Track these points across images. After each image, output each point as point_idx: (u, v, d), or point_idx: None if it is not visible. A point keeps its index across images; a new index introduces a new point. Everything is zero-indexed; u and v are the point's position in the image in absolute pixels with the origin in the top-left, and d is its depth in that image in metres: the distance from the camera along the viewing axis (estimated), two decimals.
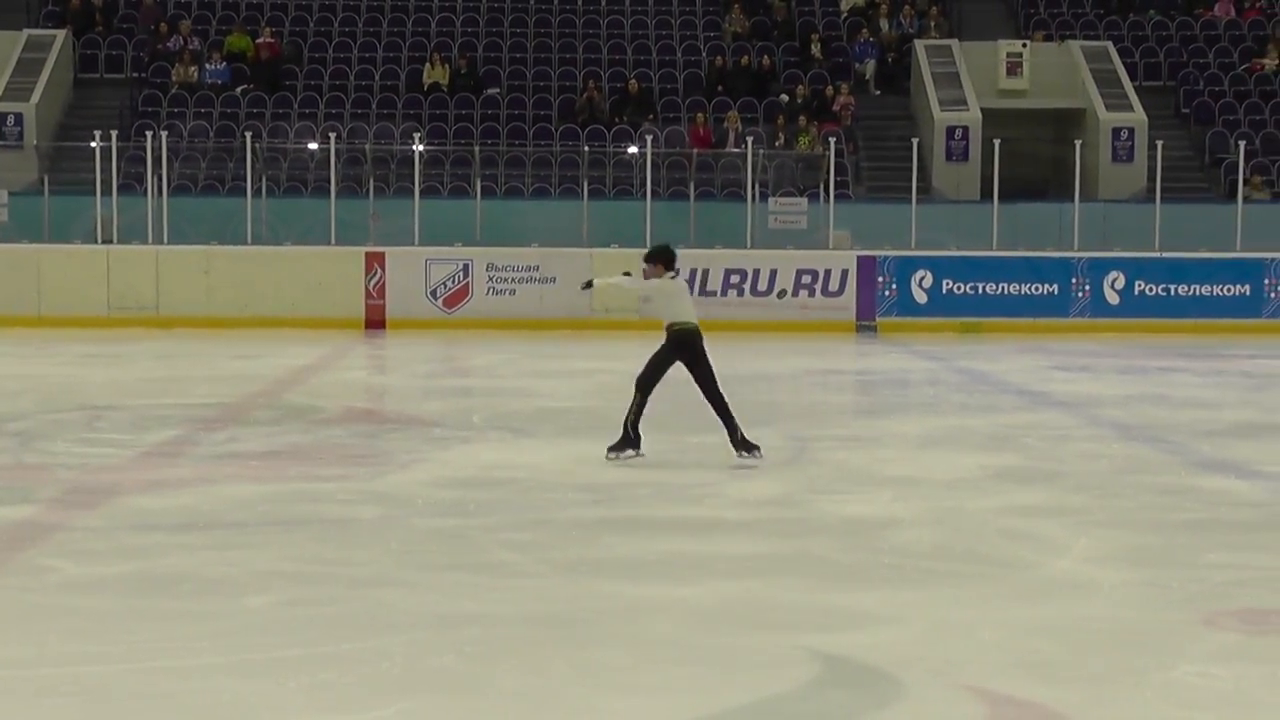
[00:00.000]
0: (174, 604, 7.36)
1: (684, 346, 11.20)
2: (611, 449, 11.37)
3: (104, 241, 23.27)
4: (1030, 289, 23.32)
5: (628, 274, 11.62)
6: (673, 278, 11.30)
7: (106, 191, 23.41)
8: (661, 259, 11.25)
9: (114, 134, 23.70)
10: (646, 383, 11.30)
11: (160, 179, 23.70)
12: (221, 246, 23.14)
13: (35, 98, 27.51)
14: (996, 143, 24.21)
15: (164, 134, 24.15)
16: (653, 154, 23.99)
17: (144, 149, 23.93)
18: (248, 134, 24.37)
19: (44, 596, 7.50)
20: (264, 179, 24.66)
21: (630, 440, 11.30)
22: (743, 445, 11.26)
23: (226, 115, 27.78)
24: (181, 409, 14.21)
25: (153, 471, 11.02)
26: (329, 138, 24.29)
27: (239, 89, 28.27)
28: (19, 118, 27.30)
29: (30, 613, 7.21)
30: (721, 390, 11.29)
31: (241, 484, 10.56)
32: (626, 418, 11.29)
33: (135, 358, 19.01)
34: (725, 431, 11.24)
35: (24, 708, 5.93)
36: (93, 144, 23.72)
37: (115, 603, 7.39)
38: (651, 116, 27.77)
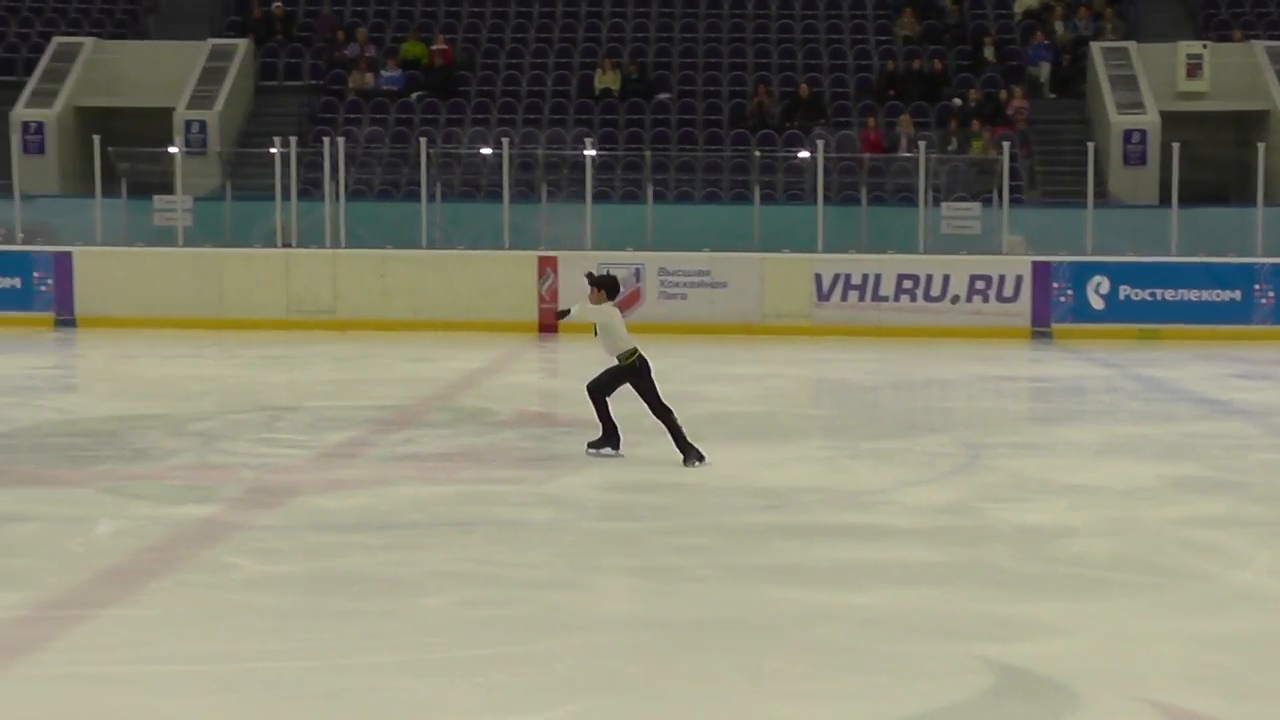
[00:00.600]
0: (351, 603, 7.47)
1: (641, 373, 11.60)
2: (591, 445, 11.74)
3: (283, 245, 23.73)
4: (1211, 295, 22.82)
5: (571, 309, 12.14)
6: (616, 306, 11.88)
7: (286, 196, 23.86)
8: (609, 287, 11.89)
9: (293, 140, 24.16)
10: (601, 391, 11.72)
11: (337, 184, 24.11)
12: (396, 250, 23.47)
13: (218, 106, 28.15)
14: (1176, 146, 23.73)
15: (341, 140, 24.57)
16: (824, 158, 23.89)
17: (322, 155, 24.36)
18: (422, 139, 24.69)
19: (226, 593, 7.67)
20: (438, 184, 24.97)
21: (611, 438, 11.68)
22: (687, 452, 11.32)
23: (402, 121, 28.19)
24: (358, 411, 14.43)
25: (330, 472, 11.21)
26: (502, 143, 24.53)
27: (414, 95, 28.66)
28: (203, 125, 27.97)
29: (213, 609, 7.37)
30: (665, 403, 11.53)
31: (416, 485, 10.70)
32: (604, 419, 11.64)
33: (313, 360, 19.35)
34: (673, 441, 11.39)
35: (206, 703, 6.06)
36: (273, 150, 24.20)
37: (294, 600, 7.53)
38: (823, 121, 27.65)
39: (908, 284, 22.70)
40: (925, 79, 28.61)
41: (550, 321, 22.67)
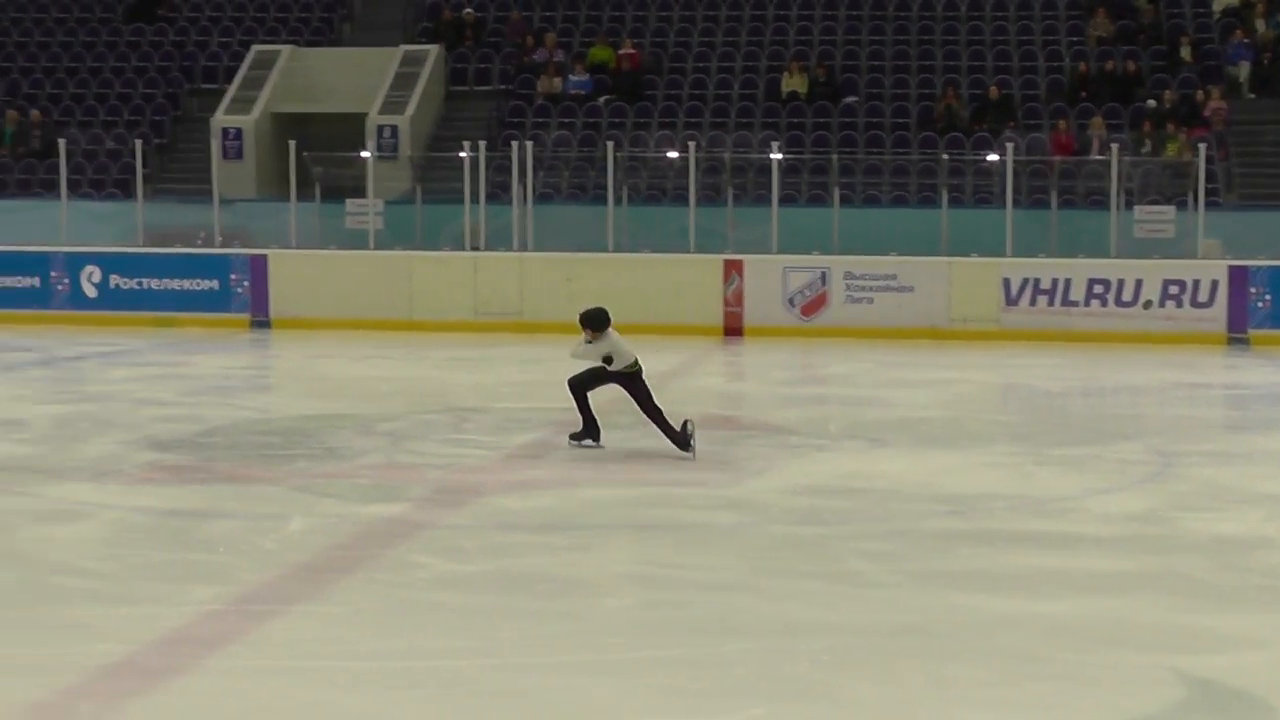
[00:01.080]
0: (534, 603, 7.54)
1: (637, 379, 12.18)
2: (573, 436, 12.15)
3: (471, 248, 24.01)
4: None
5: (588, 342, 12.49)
6: (589, 342, 12.42)
7: (475, 200, 24.13)
8: (595, 323, 12.50)
9: (482, 144, 24.43)
10: (583, 387, 12.26)
11: (525, 188, 24.33)
12: (583, 254, 23.62)
13: (410, 110, 28.60)
14: None
15: (529, 144, 24.79)
16: (1013, 161, 23.55)
17: (510, 159, 24.60)
18: (609, 143, 24.83)
19: (413, 592, 7.78)
20: (625, 187, 25.09)
21: (592, 430, 12.13)
22: (682, 443, 11.84)
23: (589, 125, 28.38)
24: (543, 413, 14.54)
25: (516, 473, 11.32)
26: (688, 146, 24.57)
27: (601, 99, 28.84)
28: (394, 130, 28.42)
29: (400, 607, 7.48)
30: (657, 404, 12.07)
31: (600, 487, 10.76)
32: (584, 413, 12.14)
33: (500, 362, 19.55)
34: (666, 438, 11.91)
35: (394, 699, 6.16)
36: (462, 154, 24.50)
37: (479, 599, 7.61)
38: (1012, 123, 27.27)
39: (1098, 289, 22.28)
40: (1119, 80, 28.07)
41: (737, 325, 22.65)
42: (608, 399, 12.47)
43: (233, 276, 23.59)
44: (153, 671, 6.44)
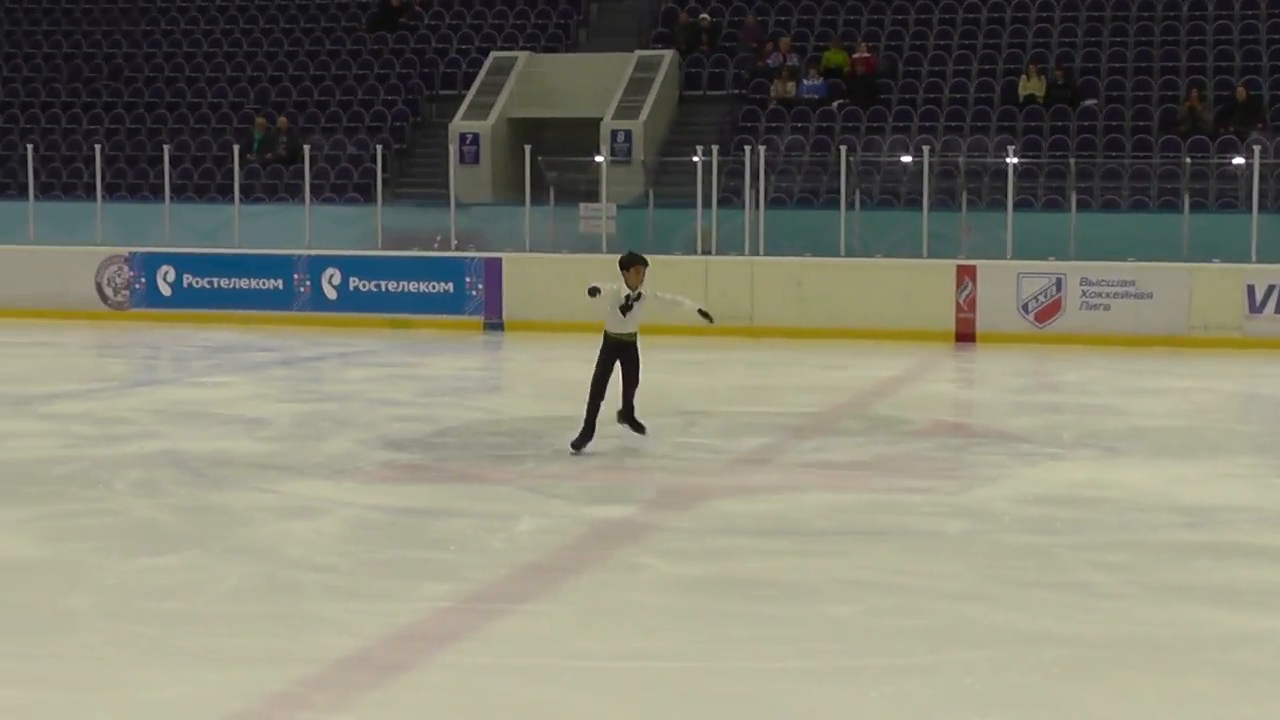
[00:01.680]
0: (758, 607, 7.51)
1: (612, 352, 12.34)
2: (575, 444, 11.95)
3: (703, 252, 24.06)
4: None
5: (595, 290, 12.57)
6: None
7: (706, 204, 24.19)
8: (634, 263, 12.61)
9: (715, 149, 24.47)
10: (602, 382, 12.16)
11: (758, 192, 24.31)
12: (814, 258, 23.51)
13: (643, 115, 28.77)
14: None
15: (762, 149, 24.77)
16: (1260, 164, 22.83)
17: (742, 163, 24.61)
18: (842, 147, 24.68)
19: (638, 593, 7.81)
20: (857, 192, 24.92)
21: (589, 434, 12.01)
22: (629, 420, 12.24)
23: (822, 129, 28.25)
24: (771, 417, 14.51)
25: (742, 477, 11.30)
26: (922, 150, 24.31)
27: (835, 103, 28.68)
28: (628, 135, 28.63)
29: (625, 608, 7.52)
30: (631, 382, 12.31)
31: (827, 492, 10.69)
32: (588, 415, 12.04)
33: (728, 366, 19.56)
34: (623, 412, 12.24)
35: (619, 699, 6.19)
36: (695, 159, 24.58)
37: (703, 602, 7.61)
38: (1261, 125, 26.44)
39: None
40: None
41: (969, 331, 22.33)
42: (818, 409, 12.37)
43: (467, 279, 23.99)
44: (384, 666, 6.56)
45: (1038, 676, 6.44)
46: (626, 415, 12.42)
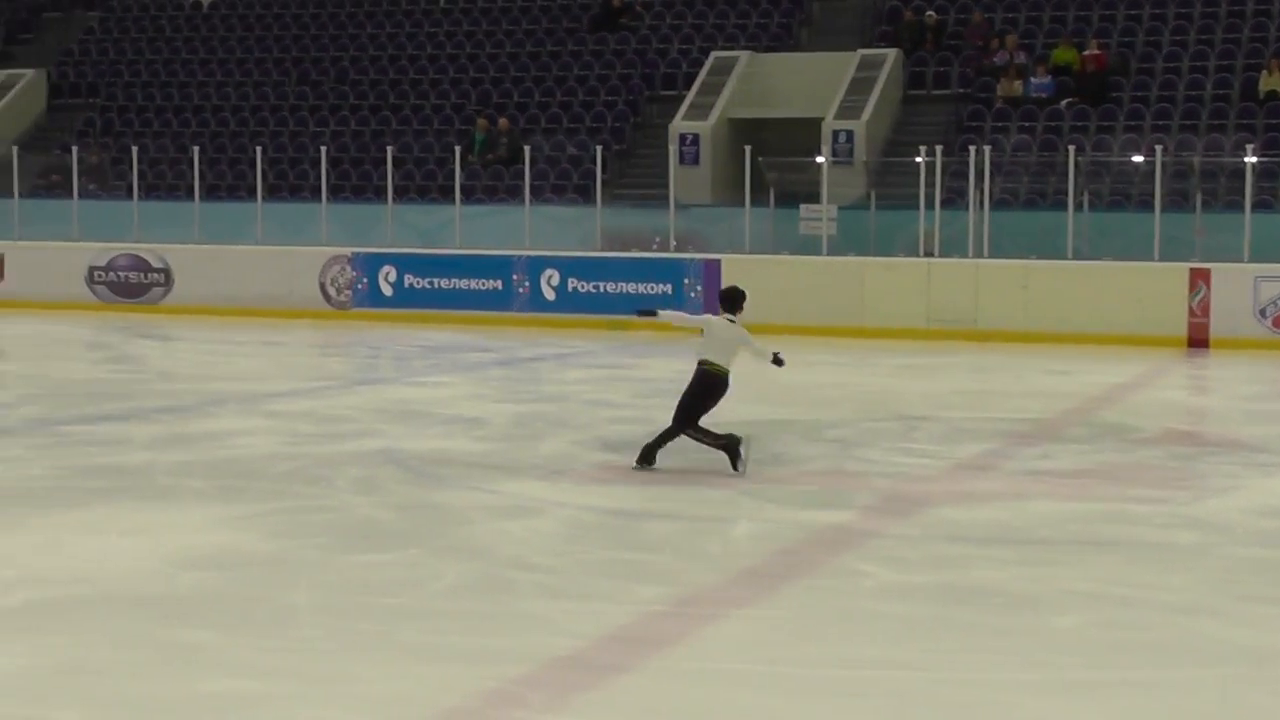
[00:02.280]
0: (980, 617, 7.41)
1: (705, 385, 11.59)
2: (736, 466, 11.26)
3: (925, 255, 23.83)
4: None
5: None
6: (730, 321, 11.77)
7: (930, 205, 23.96)
8: (724, 300, 11.93)
9: (938, 149, 24.22)
10: (694, 418, 11.50)
11: (982, 193, 24.01)
12: (1040, 261, 23.14)
13: (866, 115, 28.58)
14: None
15: (987, 149, 24.44)
16: None
17: (967, 164, 24.33)
18: (1071, 147, 24.25)
19: (856, 601, 7.76)
20: (1086, 193, 24.47)
21: (734, 445, 11.36)
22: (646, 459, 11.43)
23: (1050, 129, 27.78)
24: (994, 423, 14.32)
25: (964, 483, 11.16)
26: (1155, 150, 23.77)
27: (1064, 102, 28.17)
28: (850, 135, 28.46)
29: (843, 616, 7.47)
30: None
31: (1052, 501, 10.51)
32: (714, 438, 11.43)
33: (950, 370, 19.34)
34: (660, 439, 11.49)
35: (835, 707, 6.15)
36: (918, 159, 24.35)
37: (923, 611, 7.53)
38: None
39: None
40: None
41: (1202, 336, 21.77)
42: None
43: (686, 281, 24.08)
44: (599, 667, 6.61)
45: (1269, 696, 6.25)
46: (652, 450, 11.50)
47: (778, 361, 11.84)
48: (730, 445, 11.37)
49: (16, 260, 27.68)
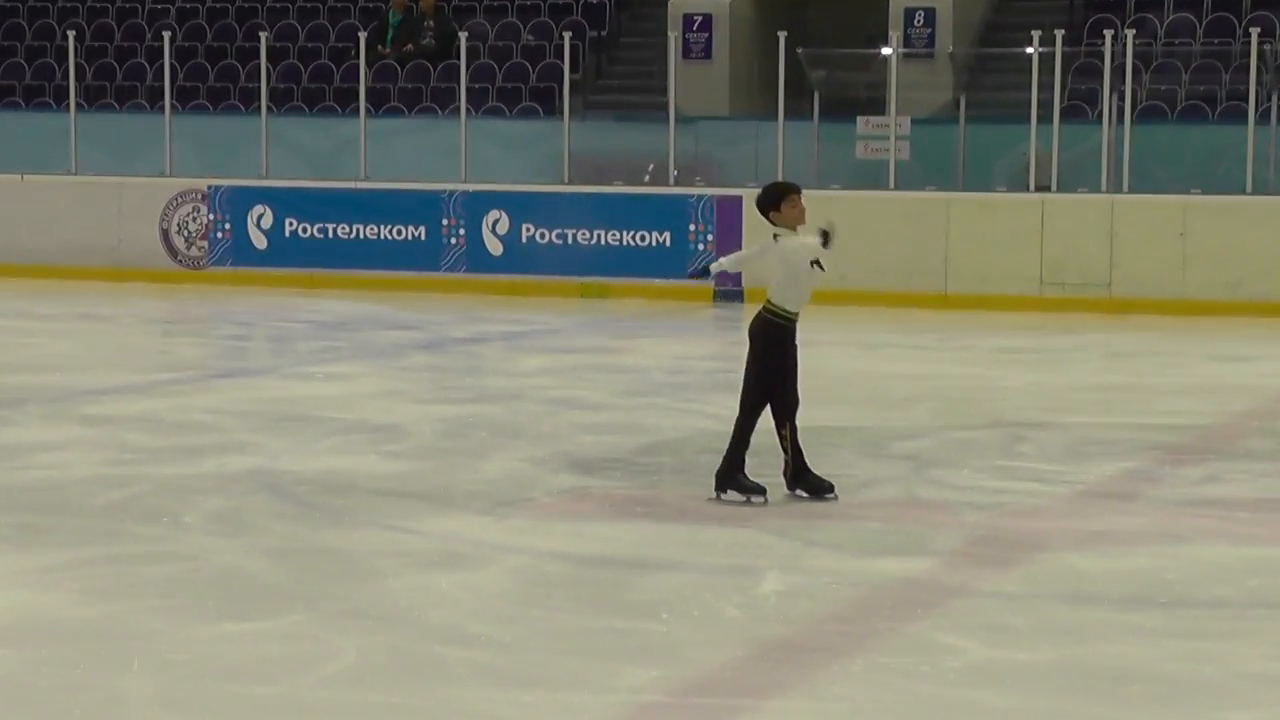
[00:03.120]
0: (1123, 713, 7.41)
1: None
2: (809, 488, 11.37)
3: (1038, 189, 23.84)
4: None
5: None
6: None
7: (1044, 118, 23.92)
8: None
9: (1058, 35, 24.12)
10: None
11: (1122, 98, 23.99)
12: (1206, 197, 23.16)
13: None
14: None
15: (1130, 33, 24.40)
16: None
17: (1100, 55, 24.31)
18: (1254, 30, 24.22)
19: (939, 686, 7.76)
20: (1275, 97, 24.47)
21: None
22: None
23: (1223, 4, 27.76)
24: (1136, 431, 14.32)
25: (1093, 519, 11.16)
26: None
27: None
28: (929, 15, 28.50)
29: (921, 706, 7.47)
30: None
31: (1222, 544, 10.52)
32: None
33: (1073, 356, 19.33)
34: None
35: None
36: (1028, 50, 24.34)
37: (1035, 703, 7.54)
38: None
39: None
40: None
41: None
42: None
43: (692, 226, 24.12)
44: None
45: None
46: (799, 473, 11.51)
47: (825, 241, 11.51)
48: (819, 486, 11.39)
49: None
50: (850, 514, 11.21)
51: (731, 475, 11.36)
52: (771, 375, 11.45)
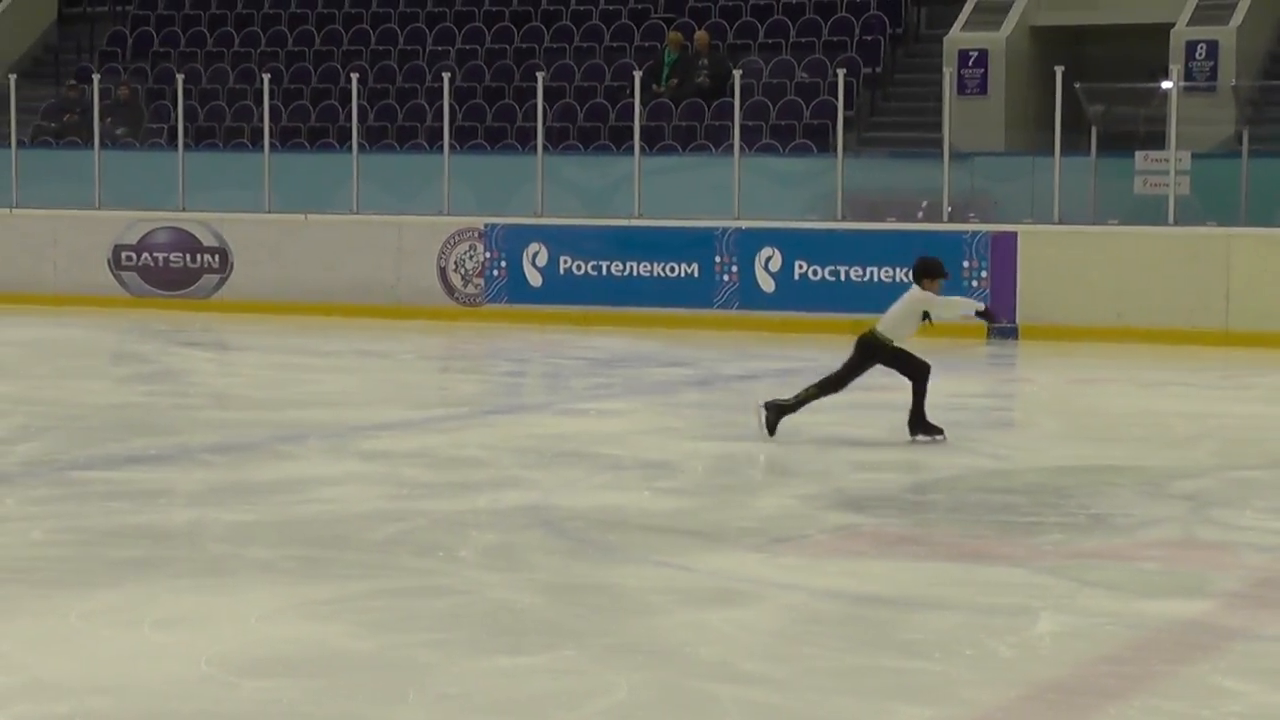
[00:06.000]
0: None
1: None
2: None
3: None
4: None
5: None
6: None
7: None
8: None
9: None
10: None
11: None
12: None
13: (1236, 20, 28.17)
14: None
15: None
16: None
17: None
18: None
19: None
20: None
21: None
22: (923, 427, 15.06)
23: None
24: None
25: None
26: None
27: None
28: (1212, 48, 28.07)
29: None
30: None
31: None
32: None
33: None
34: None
35: None
36: None
37: None
38: None
39: None
40: None
41: None
42: None
43: (965, 264, 23.95)
44: None
45: None
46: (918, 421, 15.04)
47: (988, 317, 16.02)
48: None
49: (13, 235, 28.27)
50: (1128, 554, 11.09)
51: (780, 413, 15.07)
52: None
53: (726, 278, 24.93)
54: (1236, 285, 23.02)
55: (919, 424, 14.99)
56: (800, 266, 24.71)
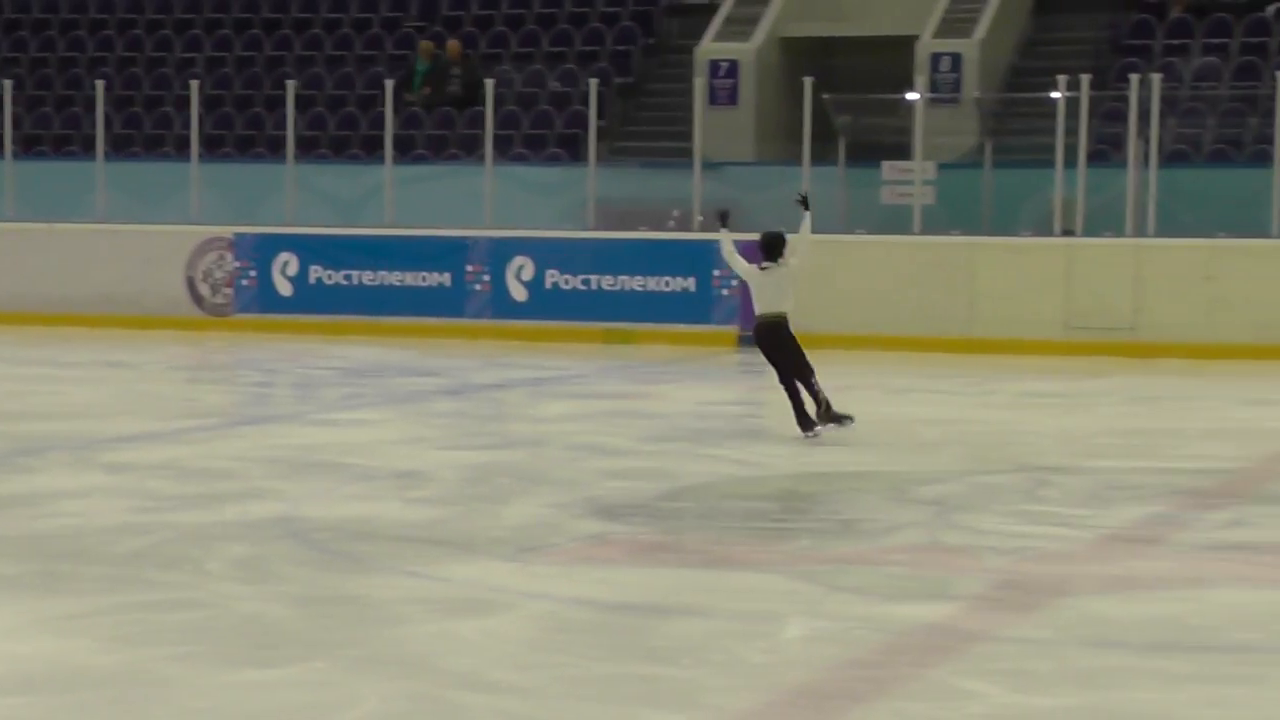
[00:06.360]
0: None
1: (759, 339, 16.39)
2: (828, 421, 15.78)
3: (1063, 233, 23.83)
4: None
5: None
6: (762, 269, 16.49)
7: (1070, 162, 23.95)
8: (761, 248, 16.58)
9: (1084, 80, 24.19)
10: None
11: (1148, 142, 23.99)
12: (1232, 240, 23.13)
13: (979, 33, 28.62)
14: None
15: (1156, 78, 24.38)
16: None
17: (1126, 100, 24.32)
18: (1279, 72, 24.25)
19: None
20: None
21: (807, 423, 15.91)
22: (829, 417, 15.88)
23: (1251, 47, 27.78)
24: (1161, 476, 14.30)
25: (1117, 564, 11.14)
26: None
27: (1271, 8, 28.15)
28: (955, 60, 28.46)
29: None
30: (804, 370, 16.09)
31: (1248, 589, 10.49)
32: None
33: (1099, 400, 19.31)
34: (815, 407, 15.87)
35: None
36: (1054, 95, 24.38)
37: None
38: None
39: None
40: None
41: None
42: None
43: (716, 272, 24.11)
44: None
45: None
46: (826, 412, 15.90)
47: (804, 204, 17.38)
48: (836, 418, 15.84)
49: None
50: (876, 559, 11.21)
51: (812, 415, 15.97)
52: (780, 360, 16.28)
53: (479, 287, 24.92)
54: (980, 294, 23.37)
55: (819, 417, 15.99)
56: (552, 275, 24.75)
